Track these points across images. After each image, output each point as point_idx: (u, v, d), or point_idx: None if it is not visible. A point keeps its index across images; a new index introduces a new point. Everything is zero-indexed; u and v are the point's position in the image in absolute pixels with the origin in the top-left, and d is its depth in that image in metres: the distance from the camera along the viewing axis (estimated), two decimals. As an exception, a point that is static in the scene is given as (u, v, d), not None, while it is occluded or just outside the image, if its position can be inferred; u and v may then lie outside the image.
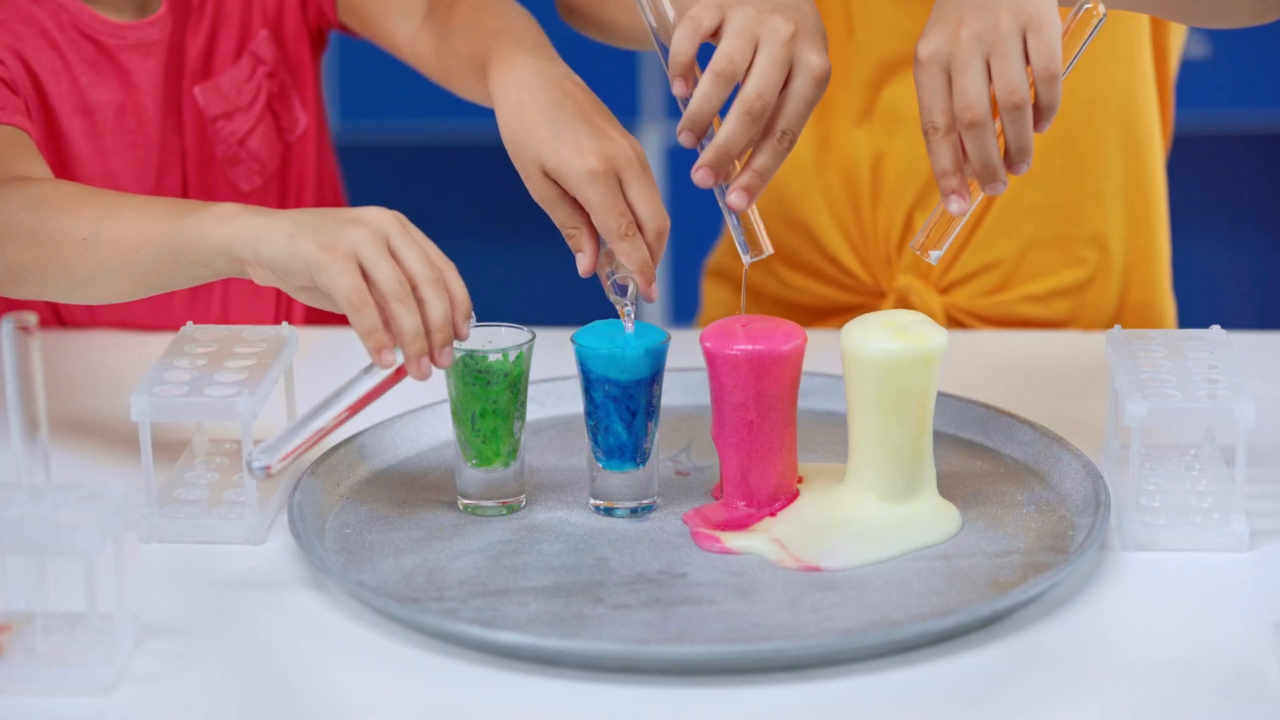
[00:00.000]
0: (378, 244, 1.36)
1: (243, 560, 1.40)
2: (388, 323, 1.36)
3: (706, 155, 1.42)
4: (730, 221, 1.45)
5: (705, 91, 1.41)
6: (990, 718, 1.21)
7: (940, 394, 1.55)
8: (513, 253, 3.38)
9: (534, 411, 1.57)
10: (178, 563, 1.40)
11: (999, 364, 1.75)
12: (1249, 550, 1.38)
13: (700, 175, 1.43)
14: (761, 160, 1.43)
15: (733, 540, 1.39)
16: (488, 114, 1.51)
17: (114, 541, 1.24)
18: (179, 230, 1.42)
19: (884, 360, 1.38)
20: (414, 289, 1.36)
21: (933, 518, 1.40)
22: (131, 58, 1.76)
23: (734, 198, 1.43)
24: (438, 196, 3.32)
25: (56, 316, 1.86)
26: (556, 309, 1.95)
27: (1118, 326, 1.50)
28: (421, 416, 1.56)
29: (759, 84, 1.40)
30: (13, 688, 1.23)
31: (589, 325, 1.45)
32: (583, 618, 1.30)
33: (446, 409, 1.48)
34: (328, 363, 1.75)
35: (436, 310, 1.37)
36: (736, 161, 1.43)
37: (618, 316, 1.45)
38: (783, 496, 1.43)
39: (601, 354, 1.41)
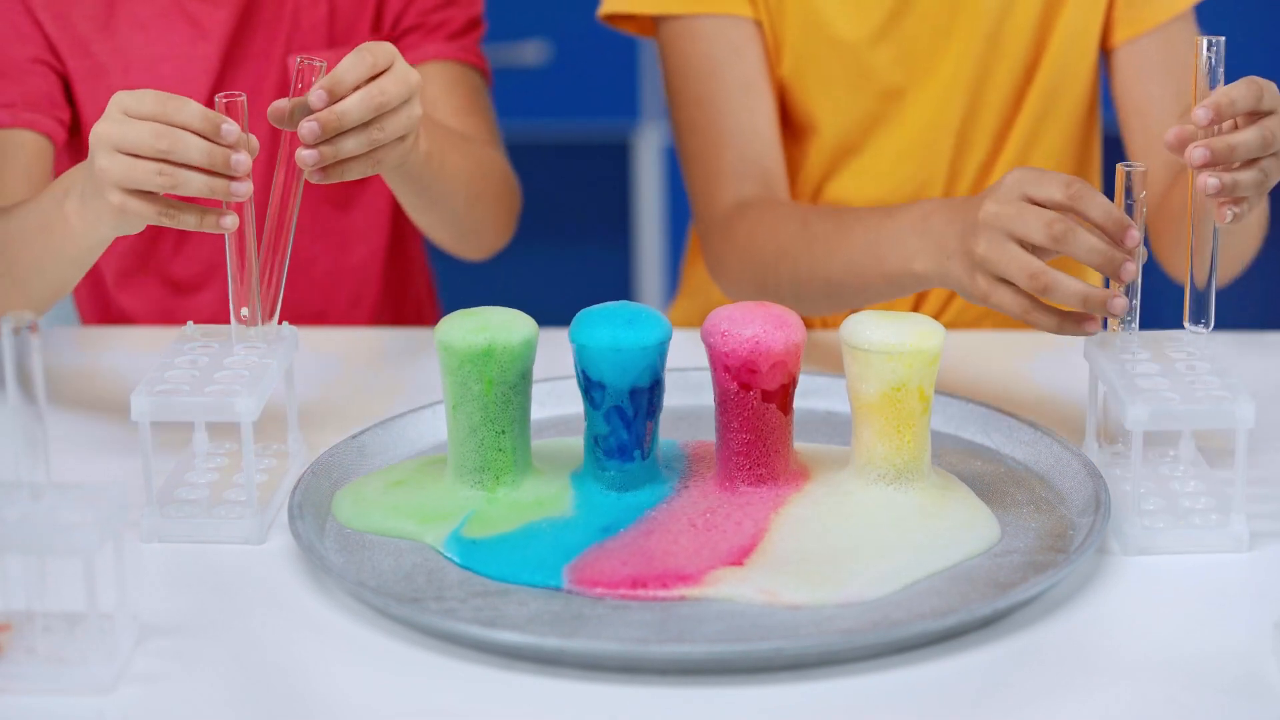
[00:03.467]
0: (126, 129, 1.41)
1: (243, 560, 1.40)
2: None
3: (1215, 143, 1.43)
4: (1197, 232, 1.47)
5: (1249, 139, 1.44)
6: (990, 718, 1.21)
7: (940, 394, 1.55)
8: (514, 252, 3.37)
9: (534, 411, 1.56)
10: (178, 563, 1.40)
11: (999, 364, 1.75)
12: (1249, 551, 1.38)
13: (1199, 153, 1.43)
14: (1245, 179, 1.45)
15: (696, 591, 1.33)
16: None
17: (114, 541, 1.24)
18: (57, 225, 1.50)
19: (886, 352, 1.38)
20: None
21: (964, 530, 1.40)
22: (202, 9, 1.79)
23: (1221, 206, 1.45)
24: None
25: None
26: (558, 308, 1.95)
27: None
28: (422, 416, 1.56)
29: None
30: (13, 688, 1.23)
31: (585, 313, 1.44)
32: (583, 618, 1.30)
33: (444, 409, 1.48)
34: (328, 363, 1.76)
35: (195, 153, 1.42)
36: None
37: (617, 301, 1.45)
38: (780, 478, 1.43)
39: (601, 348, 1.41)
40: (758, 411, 1.42)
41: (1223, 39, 1.45)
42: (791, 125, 1.87)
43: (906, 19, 1.81)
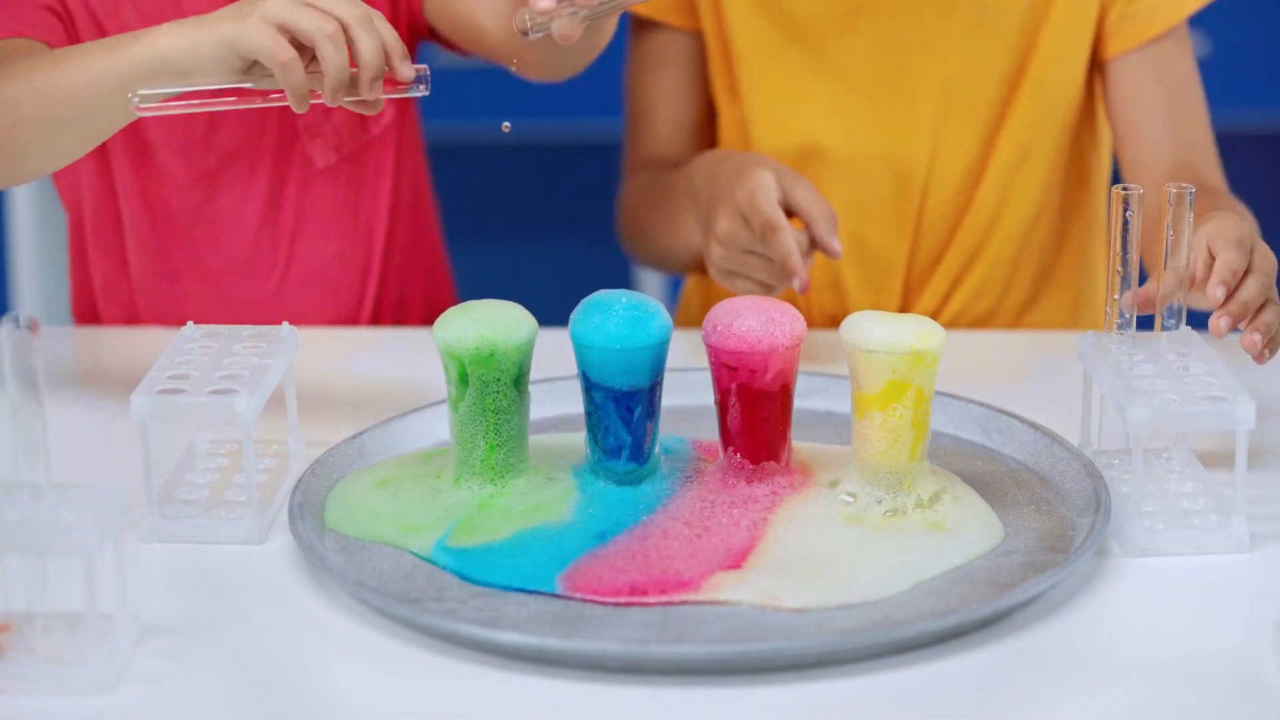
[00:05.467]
0: (292, 3, 1.42)
1: (243, 560, 1.40)
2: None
3: (1231, 308, 1.48)
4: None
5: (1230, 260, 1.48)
6: (990, 718, 1.21)
7: (940, 394, 1.55)
8: (514, 251, 3.38)
9: (534, 411, 1.57)
10: (178, 563, 1.40)
11: (999, 364, 1.75)
12: (1249, 552, 1.38)
13: (1224, 322, 1.48)
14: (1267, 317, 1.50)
15: (698, 596, 1.32)
16: (488, 113, 1.51)
17: (114, 541, 1.24)
18: (122, 61, 1.47)
19: (886, 352, 1.38)
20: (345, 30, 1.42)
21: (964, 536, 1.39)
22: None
23: (1246, 341, 1.49)
24: (440, 196, 3.32)
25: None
26: (558, 307, 1.95)
27: (1091, 331, 1.50)
28: (422, 416, 1.56)
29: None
30: (13, 688, 1.23)
31: (585, 305, 1.44)
32: (583, 618, 1.30)
33: (445, 408, 1.48)
34: (328, 363, 1.76)
35: (367, 45, 1.42)
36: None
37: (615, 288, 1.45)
38: (780, 478, 1.43)
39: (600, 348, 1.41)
40: (757, 411, 1.42)
41: (1141, 191, 1.46)
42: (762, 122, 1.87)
43: (874, 9, 1.80)
